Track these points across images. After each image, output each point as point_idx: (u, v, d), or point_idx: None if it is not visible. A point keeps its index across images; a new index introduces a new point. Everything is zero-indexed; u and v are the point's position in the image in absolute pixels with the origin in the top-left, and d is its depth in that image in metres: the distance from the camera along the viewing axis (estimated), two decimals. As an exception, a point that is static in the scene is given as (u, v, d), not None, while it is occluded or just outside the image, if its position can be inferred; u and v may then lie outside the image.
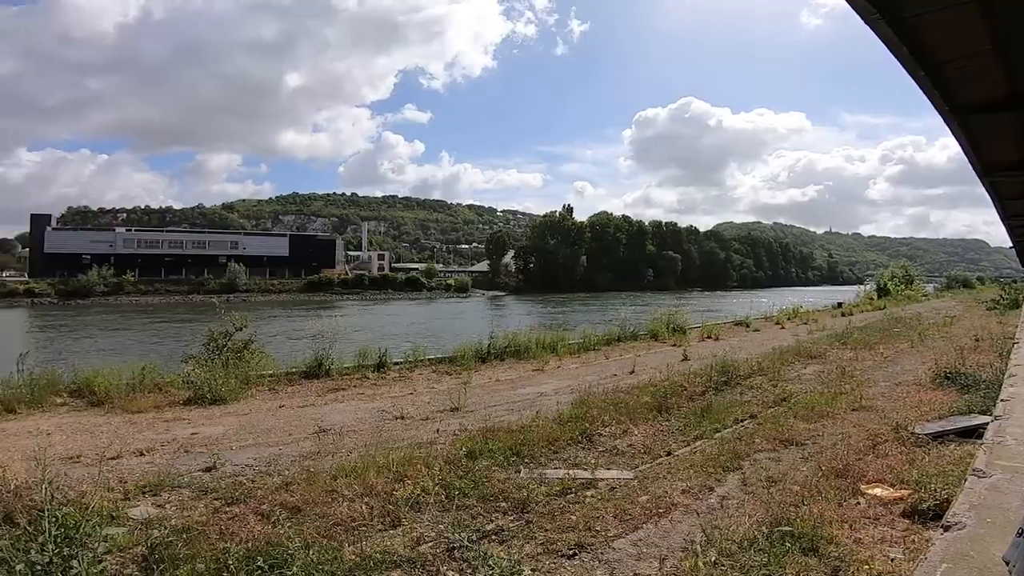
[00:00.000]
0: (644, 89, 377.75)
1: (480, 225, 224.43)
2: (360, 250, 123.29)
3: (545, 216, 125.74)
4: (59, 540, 3.27)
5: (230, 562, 3.35)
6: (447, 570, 3.56)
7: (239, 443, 6.42)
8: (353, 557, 3.59)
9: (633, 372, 10.60)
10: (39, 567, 3.03)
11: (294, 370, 10.41)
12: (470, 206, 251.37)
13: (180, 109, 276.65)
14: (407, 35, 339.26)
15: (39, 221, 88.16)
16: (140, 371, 8.74)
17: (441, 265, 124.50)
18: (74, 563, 3.13)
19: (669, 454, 5.87)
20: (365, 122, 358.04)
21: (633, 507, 4.46)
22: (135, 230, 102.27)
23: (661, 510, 4.43)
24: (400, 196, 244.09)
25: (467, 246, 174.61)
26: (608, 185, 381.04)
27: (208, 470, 5.40)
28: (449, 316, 50.54)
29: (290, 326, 33.63)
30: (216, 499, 4.67)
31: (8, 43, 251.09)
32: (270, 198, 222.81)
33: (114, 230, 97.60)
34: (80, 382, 8.33)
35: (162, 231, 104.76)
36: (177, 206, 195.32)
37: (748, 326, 20.19)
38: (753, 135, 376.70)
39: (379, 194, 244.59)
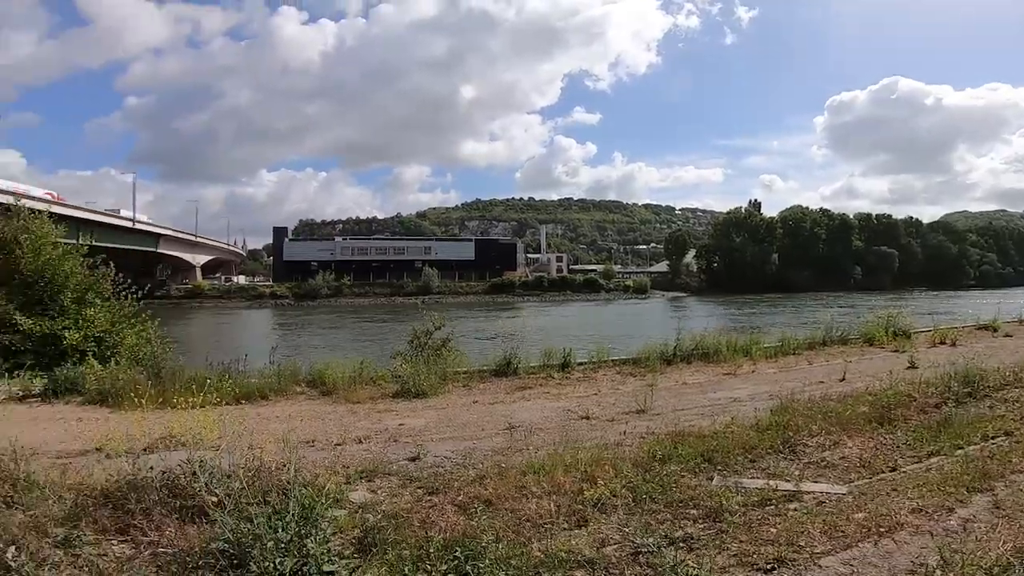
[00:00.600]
0: (832, 73, 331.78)
1: (657, 224, 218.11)
2: (539, 252, 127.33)
3: (729, 212, 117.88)
4: (299, 520, 3.54)
5: (431, 550, 3.47)
6: (631, 574, 3.44)
7: (438, 435, 6.89)
8: (539, 554, 3.58)
9: (844, 379, 9.37)
10: (282, 544, 3.29)
11: (485, 368, 10.93)
12: (646, 205, 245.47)
13: (375, 128, 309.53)
14: (567, 39, 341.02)
15: (279, 233, 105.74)
16: (359, 365, 9.89)
17: (619, 266, 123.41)
18: (308, 542, 3.36)
19: (894, 470, 5.07)
20: (536, 128, 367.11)
21: (846, 524, 3.91)
22: (349, 238, 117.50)
23: (883, 529, 3.83)
24: (575, 198, 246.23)
25: (645, 246, 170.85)
26: (800, 177, 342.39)
27: (413, 459, 5.79)
28: (628, 317, 49.83)
29: (475, 326, 35.78)
30: (419, 488, 4.95)
31: (243, 77, 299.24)
32: (456, 205, 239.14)
33: (334, 239, 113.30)
34: (314, 374, 9.62)
35: (369, 239, 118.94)
36: (380, 216, 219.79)
37: (996, 330, 16.69)
38: (986, 112, 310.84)
39: (555, 197, 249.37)
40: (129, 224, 68.90)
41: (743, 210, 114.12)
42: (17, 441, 4.88)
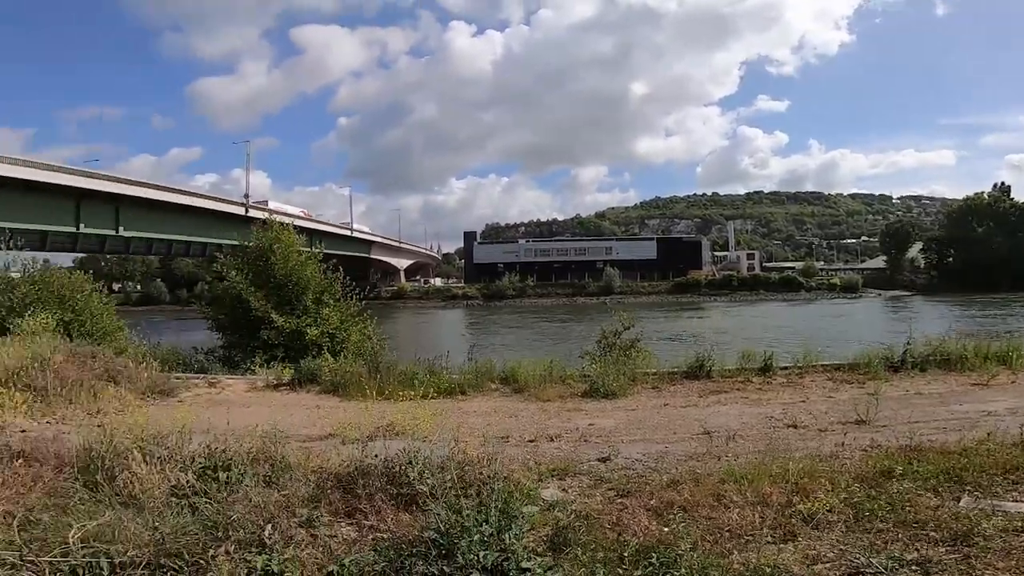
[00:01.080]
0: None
1: (869, 216, 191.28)
2: (727, 250, 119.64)
3: (967, 199, 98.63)
4: (500, 514, 3.61)
5: (625, 553, 3.40)
6: None
7: (628, 437, 6.81)
8: (739, 566, 3.36)
9: None
10: (485, 538, 3.37)
11: (675, 370, 10.56)
12: (853, 195, 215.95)
13: (550, 130, 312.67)
14: (739, 26, 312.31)
15: (469, 237, 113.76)
16: (548, 364, 10.21)
17: (821, 263, 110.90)
18: (506, 536, 3.40)
19: None
20: (716, 119, 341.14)
21: None
22: (532, 241, 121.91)
23: None
24: (766, 191, 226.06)
25: (853, 240, 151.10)
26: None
27: (603, 460, 5.77)
28: (836, 319, 44.38)
29: (659, 327, 34.74)
30: (609, 489, 4.90)
31: (427, 91, 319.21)
32: (635, 204, 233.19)
33: (517, 242, 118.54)
34: (507, 372, 10.16)
35: (551, 240, 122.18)
36: (560, 217, 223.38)
37: None
38: None
39: (742, 191, 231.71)
40: (348, 233, 79.27)
41: (986, 195, 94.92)
42: (276, 425, 5.67)
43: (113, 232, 43.90)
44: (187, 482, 4.31)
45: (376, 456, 4.67)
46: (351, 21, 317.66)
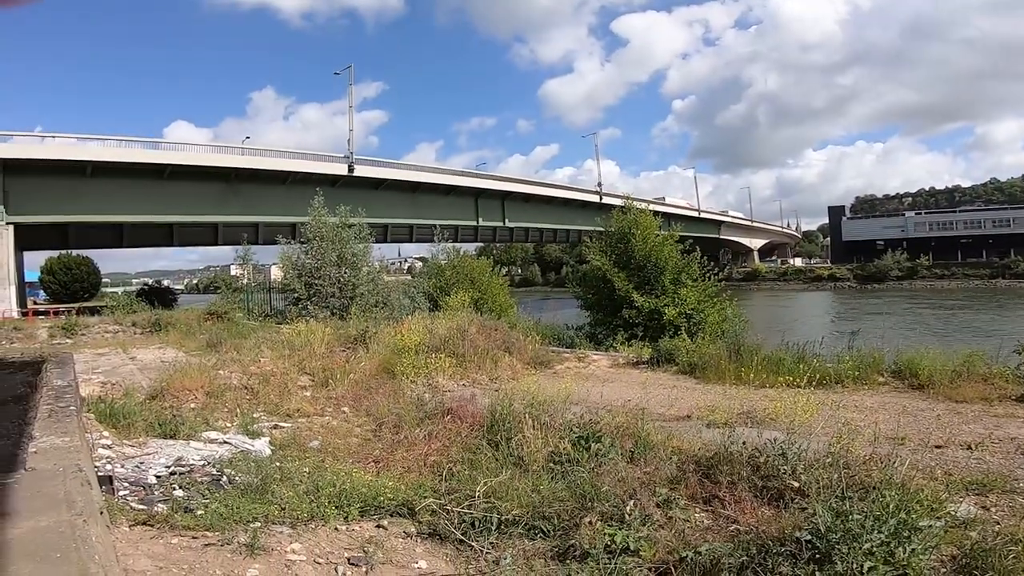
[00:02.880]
0: None
1: None
2: None
3: None
4: (895, 523, 3.19)
5: None
6: None
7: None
8: None
9: None
10: (873, 548, 3.02)
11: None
12: None
13: (937, 85, 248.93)
14: None
15: (835, 213, 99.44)
16: (966, 358, 8.19)
17: None
18: (900, 550, 3.05)
19: None
20: None
21: None
22: (924, 212, 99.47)
23: None
24: None
25: None
26: None
27: None
28: None
29: None
30: None
31: (764, 62, 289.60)
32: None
33: (903, 215, 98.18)
34: (901, 363, 8.52)
35: (954, 211, 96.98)
36: (965, 184, 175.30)
37: None
38: None
39: None
40: (695, 214, 78.12)
41: None
42: (638, 403, 5.98)
43: (501, 223, 53.09)
44: (564, 450, 4.88)
45: (743, 444, 4.51)
46: (665, 4, 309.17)
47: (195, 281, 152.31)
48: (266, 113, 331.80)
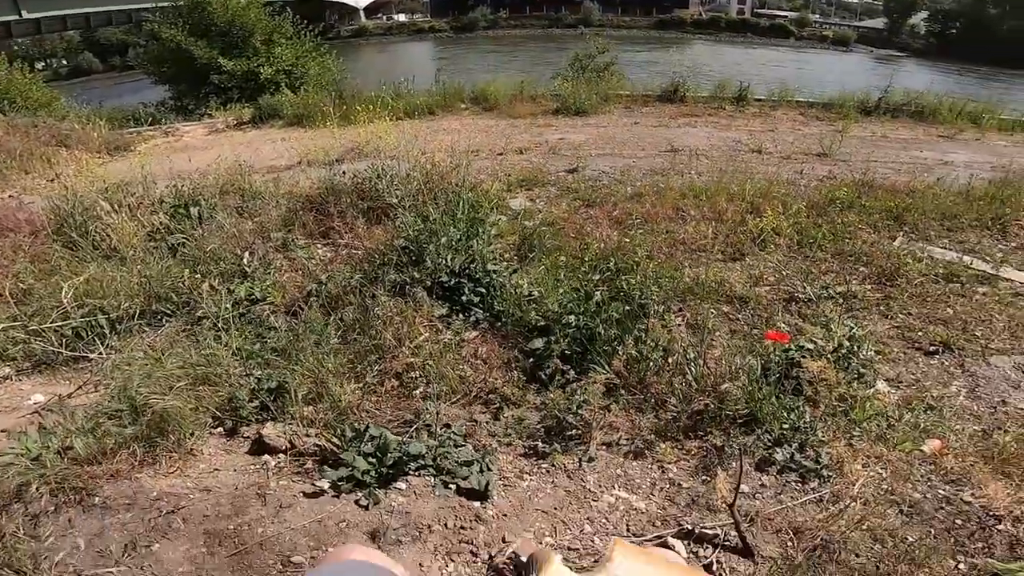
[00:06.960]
0: None
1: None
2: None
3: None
4: (468, 221, 3.71)
5: (586, 259, 3.51)
6: (779, 320, 3.29)
7: (597, 151, 6.92)
8: (689, 280, 3.55)
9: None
10: (453, 243, 3.49)
11: (649, 93, 10.48)
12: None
13: None
14: None
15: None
16: (519, 84, 10.09)
17: (818, 15, 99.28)
18: (474, 241, 3.53)
19: None
20: None
21: (1040, 324, 3.28)
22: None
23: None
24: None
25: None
26: None
27: (571, 172, 5.97)
28: (821, 68, 40.26)
29: (638, 58, 32.71)
30: (575, 199, 5.11)
31: None
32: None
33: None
34: (477, 92, 10.08)
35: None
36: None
37: None
38: None
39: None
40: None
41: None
42: (242, 160, 5.59)
43: (16, 16, 38.07)
44: (161, 223, 4.29)
45: (344, 174, 4.72)
46: None
47: None
48: None
